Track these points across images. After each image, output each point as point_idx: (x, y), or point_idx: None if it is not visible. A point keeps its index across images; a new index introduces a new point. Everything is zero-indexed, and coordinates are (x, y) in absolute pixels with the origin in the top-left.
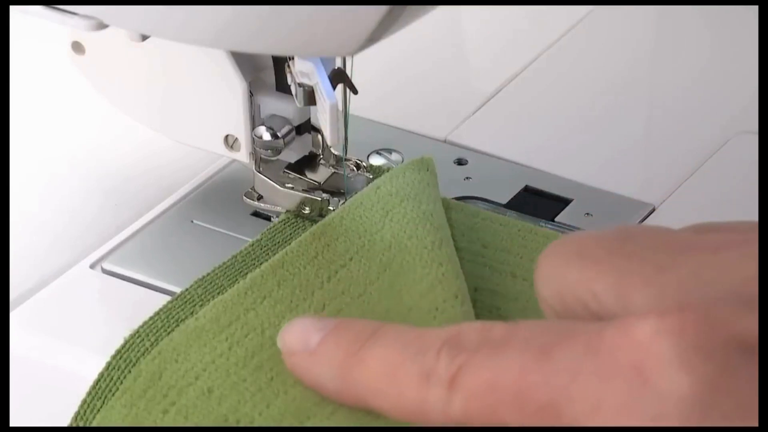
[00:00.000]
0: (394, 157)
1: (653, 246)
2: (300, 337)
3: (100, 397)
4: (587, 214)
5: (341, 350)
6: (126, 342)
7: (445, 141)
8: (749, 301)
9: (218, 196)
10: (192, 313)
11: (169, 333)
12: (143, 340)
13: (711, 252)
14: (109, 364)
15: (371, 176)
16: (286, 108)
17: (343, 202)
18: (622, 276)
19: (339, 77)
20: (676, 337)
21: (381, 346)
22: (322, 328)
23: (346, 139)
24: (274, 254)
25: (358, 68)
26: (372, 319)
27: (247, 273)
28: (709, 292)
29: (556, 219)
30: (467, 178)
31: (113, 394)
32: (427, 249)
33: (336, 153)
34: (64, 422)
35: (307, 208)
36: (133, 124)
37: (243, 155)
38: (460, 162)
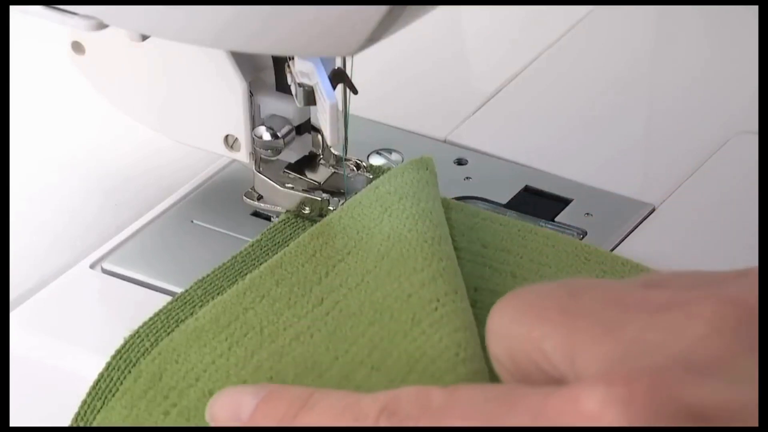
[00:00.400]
0: (394, 157)
1: (601, 304)
2: (230, 409)
3: (100, 398)
4: (587, 214)
5: (275, 421)
6: (126, 342)
7: (445, 141)
8: (697, 366)
9: (218, 196)
10: (192, 313)
11: (168, 333)
12: (143, 340)
13: (657, 311)
14: (109, 364)
15: (371, 176)
16: (286, 108)
17: (343, 202)
18: (570, 336)
19: (339, 77)
20: (625, 408)
21: (316, 415)
22: (253, 396)
23: (346, 139)
24: (274, 254)
25: (358, 68)
26: (370, 306)
27: (246, 274)
28: (656, 356)
29: (556, 219)
30: (467, 178)
31: (113, 395)
32: (428, 243)
33: (336, 153)
34: (64, 422)
35: (307, 208)
36: (133, 124)
37: (243, 155)
38: (460, 162)
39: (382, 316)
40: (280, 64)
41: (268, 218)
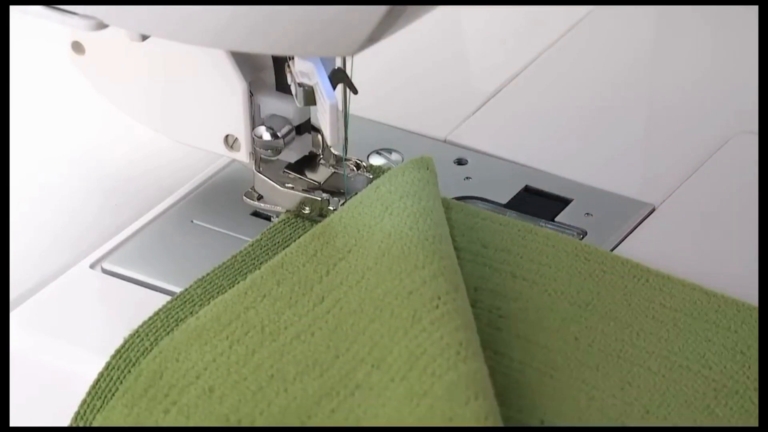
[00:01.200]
0: (394, 157)
1: None
2: None
3: (100, 397)
4: (587, 214)
5: None
6: (125, 342)
7: (445, 141)
8: None
9: (218, 196)
10: (191, 312)
11: (168, 333)
12: (143, 339)
13: None
14: (108, 363)
15: (371, 176)
16: (286, 108)
17: (343, 202)
18: None
19: (339, 77)
20: None
21: None
22: None
23: (346, 139)
24: (274, 254)
25: (358, 68)
26: (371, 304)
27: (246, 273)
28: None
29: (556, 219)
30: (467, 178)
31: (113, 394)
32: (429, 241)
33: (336, 153)
34: (64, 422)
35: (307, 208)
36: (133, 124)
37: (243, 155)
38: (460, 162)
39: (382, 314)
40: (280, 64)
41: (268, 218)
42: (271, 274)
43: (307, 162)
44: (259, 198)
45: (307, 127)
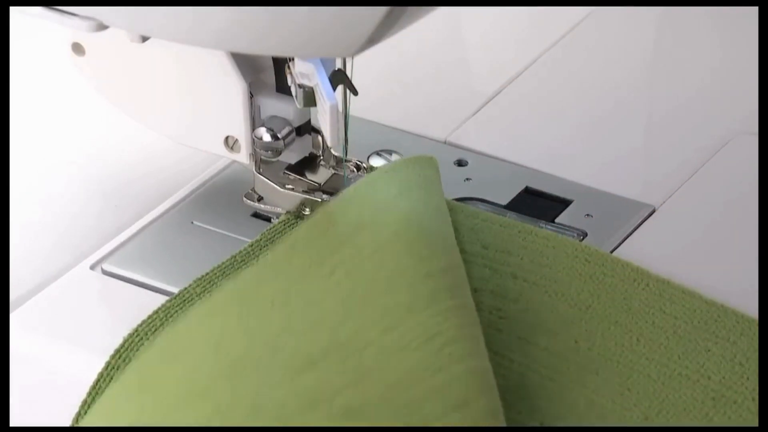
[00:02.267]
0: (395, 158)
1: None
2: None
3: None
4: (587, 215)
5: None
6: (125, 341)
7: (445, 142)
8: None
9: (218, 198)
10: None
11: None
12: (142, 339)
13: None
14: (108, 363)
15: None
16: (287, 109)
17: None
18: None
19: (339, 78)
20: None
21: None
22: None
23: (346, 140)
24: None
25: (358, 69)
26: (382, 279)
27: None
28: None
29: (557, 220)
30: (467, 179)
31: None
32: (442, 236)
33: (336, 154)
34: (64, 422)
35: (307, 209)
36: (134, 125)
37: (243, 156)
38: (461, 163)
39: (398, 288)
40: (280, 65)
41: (268, 219)
42: (282, 252)
43: (308, 163)
44: (260, 199)
45: (307, 129)
